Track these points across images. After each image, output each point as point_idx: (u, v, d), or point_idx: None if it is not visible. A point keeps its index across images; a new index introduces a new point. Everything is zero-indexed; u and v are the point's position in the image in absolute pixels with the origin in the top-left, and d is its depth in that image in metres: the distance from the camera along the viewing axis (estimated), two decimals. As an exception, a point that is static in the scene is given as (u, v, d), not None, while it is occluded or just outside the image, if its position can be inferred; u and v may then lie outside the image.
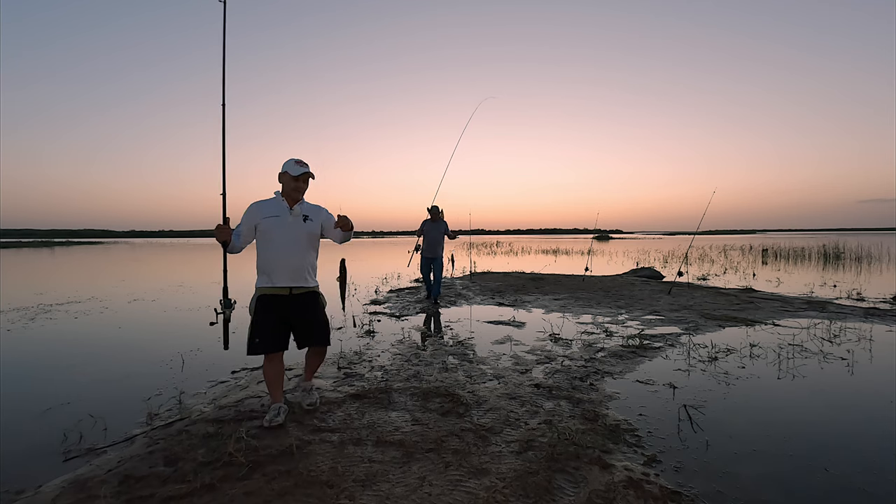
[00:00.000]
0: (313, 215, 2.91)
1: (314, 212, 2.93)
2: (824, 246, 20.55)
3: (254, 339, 2.79)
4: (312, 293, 2.91)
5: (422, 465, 2.35)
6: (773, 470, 2.33)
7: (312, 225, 2.88)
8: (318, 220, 2.92)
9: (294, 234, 2.80)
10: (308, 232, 2.86)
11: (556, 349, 4.69)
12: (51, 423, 2.99)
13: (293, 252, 2.79)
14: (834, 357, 4.28)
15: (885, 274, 12.47)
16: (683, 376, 3.78)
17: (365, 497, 2.07)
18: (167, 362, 4.37)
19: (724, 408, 3.13)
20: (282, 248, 2.77)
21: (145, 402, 3.30)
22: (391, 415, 3.00)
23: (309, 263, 2.88)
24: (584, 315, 6.67)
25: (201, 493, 2.10)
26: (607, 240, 57.91)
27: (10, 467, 2.45)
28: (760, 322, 5.93)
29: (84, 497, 2.10)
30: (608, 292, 8.98)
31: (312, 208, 2.94)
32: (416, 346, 4.80)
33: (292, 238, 2.79)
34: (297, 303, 2.84)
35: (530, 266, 16.19)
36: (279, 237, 2.77)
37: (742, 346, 4.70)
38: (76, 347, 5.11)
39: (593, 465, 2.33)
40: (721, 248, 26.70)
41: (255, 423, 2.86)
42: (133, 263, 20.23)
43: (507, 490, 2.11)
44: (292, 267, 2.79)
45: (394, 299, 8.31)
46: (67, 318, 6.74)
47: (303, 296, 2.86)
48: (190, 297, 9.00)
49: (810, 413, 3.06)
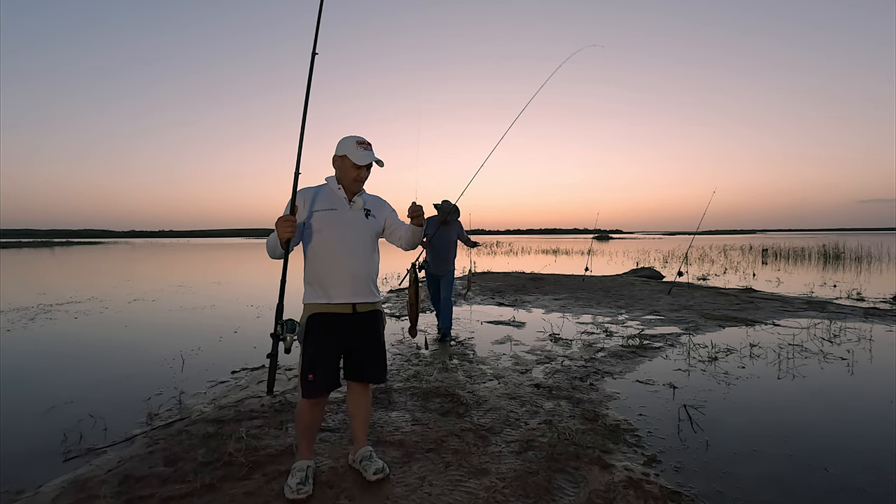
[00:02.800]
0: (376, 210, 2.29)
1: (377, 205, 2.31)
2: (824, 246, 20.55)
3: (307, 376, 2.08)
4: (377, 312, 2.28)
5: (422, 464, 2.35)
6: (773, 470, 2.33)
7: (376, 222, 2.27)
8: (381, 216, 2.31)
9: (357, 232, 2.19)
10: (373, 231, 2.26)
11: (556, 349, 4.69)
12: (51, 424, 2.99)
13: (356, 256, 2.17)
14: (834, 357, 4.28)
15: (885, 274, 12.47)
16: (683, 376, 3.78)
17: (365, 497, 2.07)
18: (167, 362, 4.37)
19: (724, 408, 3.12)
20: (343, 251, 2.15)
21: (145, 402, 3.30)
22: (391, 415, 3.00)
23: (374, 272, 2.27)
24: (584, 315, 6.67)
25: (201, 493, 2.10)
26: (607, 240, 57.93)
27: (10, 467, 2.45)
28: (760, 322, 5.93)
29: (84, 497, 2.10)
30: (608, 292, 8.98)
31: (374, 200, 2.32)
32: (416, 346, 4.80)
33: (355, 238, 2.18)
34: (360, 324, 2.19)
35: (530, 266, 16.19)
36: (338, 237, 2.15)
37: (742, 346, 4.70)
38: (76, 348, 5.11)
39: (593, 465, 2.33)
40: (721, 248, 26.70)
41: (255, 423, 2.85)
42: (133, 263, 20.24)
43: (507, 490, 2.11)
44: (356, 276, 2.17)
45: (394, 299, 8.31)
46: (67, 319, 6.74)
47: (367, 315, 2.22)
48: (190, 297, 9.00)
49: (810, 413, 3.06)
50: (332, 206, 2.17)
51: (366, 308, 2.20)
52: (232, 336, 5.52)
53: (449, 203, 5.00)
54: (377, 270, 2.28)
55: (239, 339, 5.35)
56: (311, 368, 2.07)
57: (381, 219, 2.29)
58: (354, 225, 2.19)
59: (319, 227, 2.14)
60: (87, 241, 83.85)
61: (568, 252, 26.52)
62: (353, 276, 2.15)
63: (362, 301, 2.18)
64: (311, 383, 2.07)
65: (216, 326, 6.12)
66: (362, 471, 2.24)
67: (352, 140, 2.15)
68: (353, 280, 2.15)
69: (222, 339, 5.39)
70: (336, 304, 2.13)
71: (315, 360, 2.09)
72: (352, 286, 2.15)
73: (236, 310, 7.43)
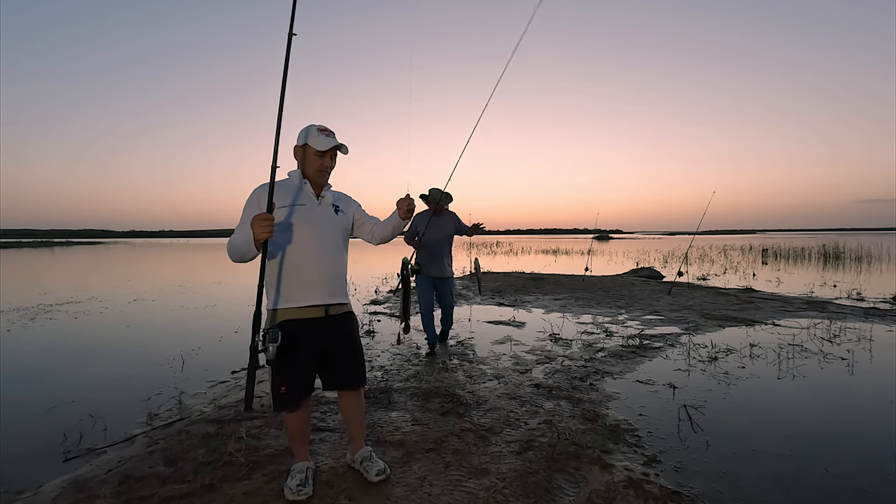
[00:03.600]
0: (344, 205, 2.21)
1: (343, 201, 2.23)
2: (824, 246, 20.56)
3: (279, 388, 1.99)
4: (350, 314, 2.18)
5: (422, 464, 2.35)
6: (773, 470, 2.33)
7: (345, 218, 2.19)
8: (349, 211, 2.23)
9: (328, 230, 2.08)
10: (343, 227, 2.17)
11: (556, 349, 4.69)
12: (51, 424, 2.99)
13: (329, 255, 2.06)
14: (834, 357, 4.28)
15: (885, 274, 12.47)
16: (683, 376, 3.78)
17: (365, 497, 2.07)
18: (167, 362, 4.37)
19: (724, 408, 3.12)
20: (315, 249, 2.02)
21: (145, 402, 3.30)
22: (391, 415, 3.00)
23: (345, 271, 2.18)
24: (584, 315, 6.67)
25: (201, 493, 2.10)
26: (607, 240, 57.95)
27: (10, 467, 2.45)
28: (760, 322, 5.93)
29: (84, 497, 2.10)
30: (608, 292, 8.98)
31: (340, 196, 2.25)
32: (416, 346, 4.80)
33: (327, 235, 2.07)
34: (334, 328, 2.08)
35: (530, 266, 16.19)
36: (310, 235, 2.02)
37: (742, 346, 4.70)
38: (76, 348, 5.11)
39: (593, 465, 2.33)
40: (721, 248, 26.70)
41: (255, 423, 2.86)
42: (133, 263, 20.24)
43: (507, 490, 2.11)
44: (329, 276, 2.05)
45: (393, 299, 8.31)
46: (67, 319, 6.74)
47: (340, 317, 2.12)
48: (190, 297, 9.00)
49: (810, 413, 3.06)
50: (299, 201, 2.04)
51: (339, 310, 2.10)
52: (232, 336, 5.52)
53: (438, 190, 4.29)
54: (346, 270, 2.19)
55: (239, 339, 5.35)
56: (283, 380, 1.99)
57: (349, 214, 2.21)
58: (325, 221, 2.08)
59: (287, 224, 1.99)
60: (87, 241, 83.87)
61: (568, 252, 26.52)
62: (327, 276, 2.04)
63: (335, 302, 2.08)
64: (283, 395, 2.00)
65: (216, 326, 6.13)
66: (363, 472, 2.21)
67: (313, 128, 2.06)
68: (326, 280, 2.04)
69: (222, 339, 5.39)
70: (308, 307, 2.01)
71: (286, 371, 1.99)
72: (325, 287, 2.04)
73: (237, 310, 7.43)
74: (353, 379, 2.17)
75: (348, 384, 2.17)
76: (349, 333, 2.15)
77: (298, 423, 2.13)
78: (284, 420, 2.13)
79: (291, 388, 2.01)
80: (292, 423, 2.12)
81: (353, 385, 2.18)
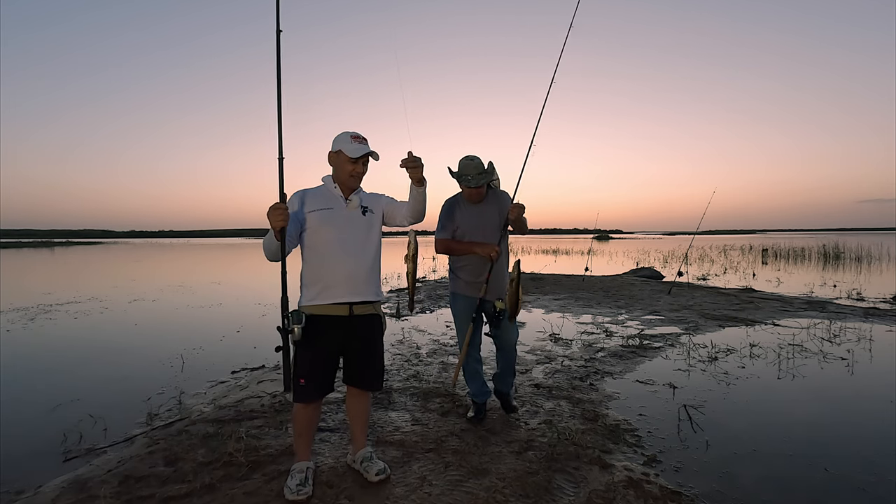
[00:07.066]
0: (373, 205, 2.25)
1: (373, 200, 2.27)
2: (824, 246, 20.53)
3: (298, 380, 2.07)
4: (376, 316, 2.22)
5: (422, 464, 2.35)
6: (773, 470, 2.33)
7: (374, 217, 2.23)
8: (378, 208, 2.26)
9: (353, 231, 2.16)
10: (372, 228, 2.22)
11: (556, 349, 4.69)
12: (51, 424, 2.99)
13: (353, 256, 2.13)
14: (834, 357, 4.28)
15: (885, 274, 12.47)
16: (683, 376, 3.78)
17: (365, 497, 2.07)
18: (167, 362, 4.37)
19: (724, 408, 3.13)
20: (338, 250, 2.11)
21: (145, 403, 3.30)
22: (391, 415, 3.00)
23: (373, 271, 2.21)
24: (584, 315, 6.67)
25: (201, 494, 2.10)
26: (607, 240, 57.94)
27: (10, 467, 2.45)
28: (760, 322, 5.93)
29: (84, 497, 2.10)
30: (608, 292, 8.98)
31: (371, 197, 2.28)
32: (416, 346, 4.80)
33: (351, 237, 2.15)
34: (358, 326, 2.14)
35: (530, 266, 16.19)
36: (334, 236, 2.12)
37: (742, 346, 4.70)
38: (76, 348, 5.11)
39: (593, 465, 2.33)
40: (721, 248, 26.70)
41: (256, 423, 2.86)
42: (133, 263, 20.24)
43: (507, 490, 2.11)
44: (352, 275, 2.12)
45: (394, 299, 8.31)
46: (67, 319, 6.74)
47: (365, 318, 2.17)
48: (190, 297, 9.00)
49: (810, 413, 3.06)
50: (328, 205, 2.15)
51: (364, 311, 2.15)
52: (233, 336, 5.53)
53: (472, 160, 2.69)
54: (378, 270, 2.23)
55: (239, 339, 5.35)
56: (303, 373, 2.07)
57: (378, 212, 2.26)
58: (351, 223, 2.16)
59: (315, 226, 2.12)
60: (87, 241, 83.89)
61: (568, 252, 26.51)
62: (349, 275, 2.11)
63: (360, 301, 2.13)
64: (302, 388, 2.08)
65: (216, 326, 6.13)
66: (364, 472, 2.23)
67: (346, 135, 2.14)
68: (349, 280, 2.11)
69: (223, 339, 5.39)
70: (331, 304, 2.09)
71: (307, 364, 2.08)
72: (348, 286, 2.11)
73: (237, 310, 7.43)
74: (366, 381, 2.24)
75: (361, 384, 2.25)
76: (371, 335, 2.20)
77: (307, 420, 2.19)
78: (294, 414, 2.18)
79: (310, 380, 2.09)
80: (302, 417, 2.17)
81: (364, 386, 2.26)
